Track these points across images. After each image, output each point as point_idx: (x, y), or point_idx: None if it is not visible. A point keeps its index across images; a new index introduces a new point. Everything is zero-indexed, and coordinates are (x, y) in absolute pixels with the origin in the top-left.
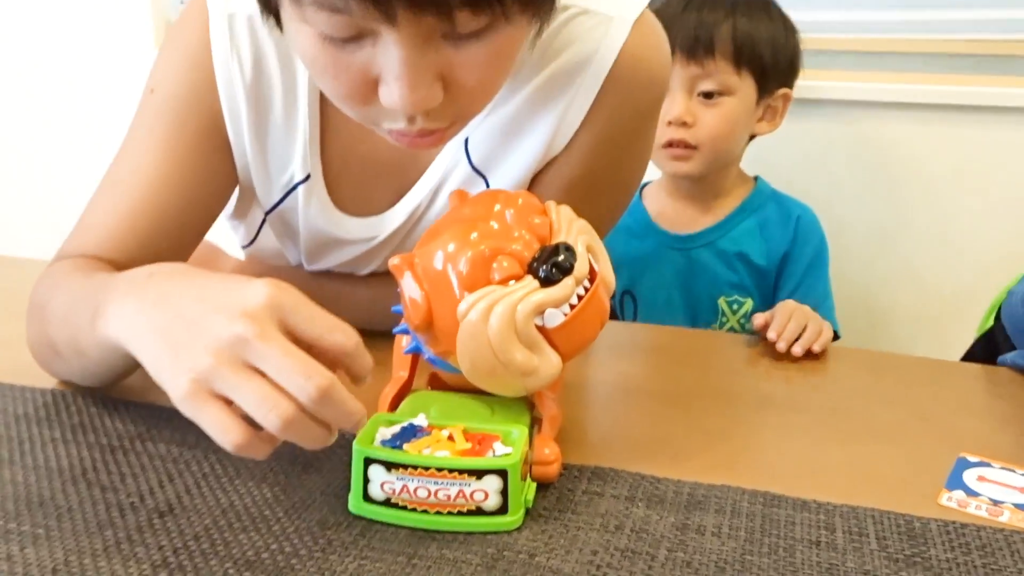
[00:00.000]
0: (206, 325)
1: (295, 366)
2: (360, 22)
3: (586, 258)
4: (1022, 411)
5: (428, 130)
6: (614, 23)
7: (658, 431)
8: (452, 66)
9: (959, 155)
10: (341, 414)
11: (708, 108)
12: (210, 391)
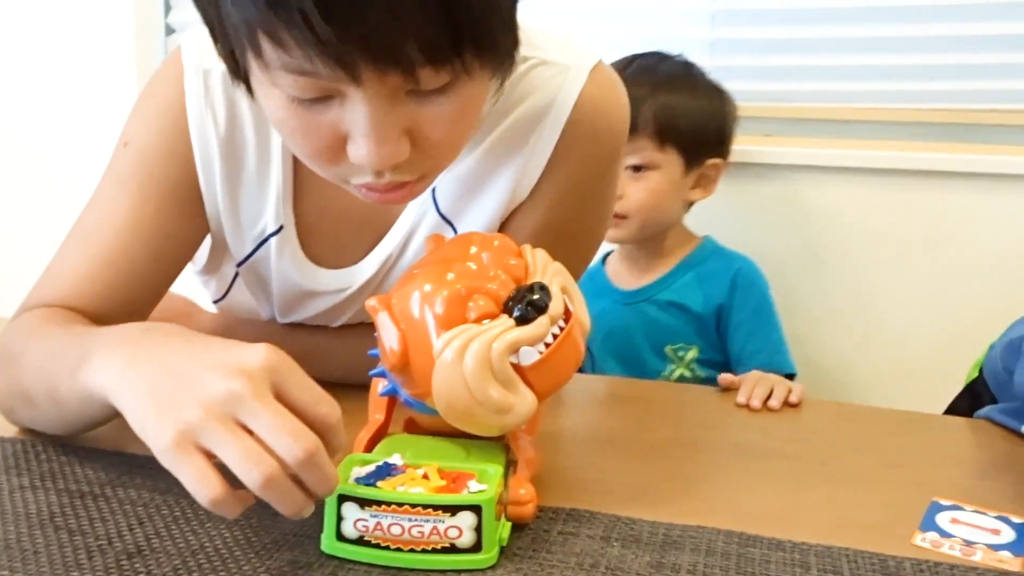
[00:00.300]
0: (201, 381)
1: (285, 427)
2: (327, 83)
3: (561, 298)
4: (995, 460)
5: (396, 183)
6: (571, 72)
7: (634, 478)
8: (418, 121)
9: (931, 219)
10: (322, 479)
11: (635, 181)
12: (194, 443)
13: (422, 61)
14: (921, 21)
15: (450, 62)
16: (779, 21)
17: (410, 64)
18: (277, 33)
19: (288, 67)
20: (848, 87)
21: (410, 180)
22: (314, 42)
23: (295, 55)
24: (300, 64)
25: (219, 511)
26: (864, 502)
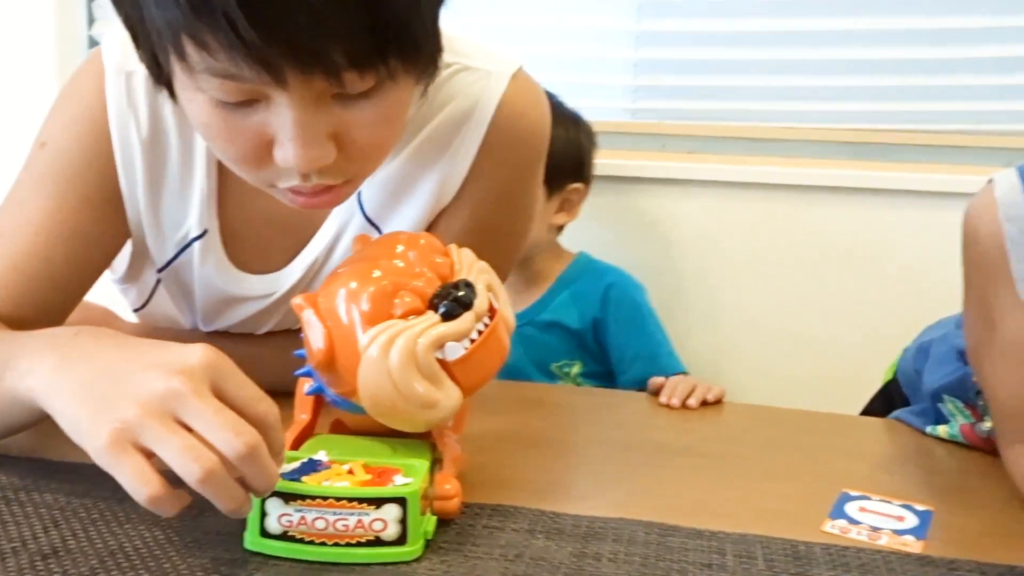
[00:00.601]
0: (138, 380)
1: (226, 422)
2: (252, 86)
3: (486, 295)
4: (902, 455)
5: (323, 187)
6: (493, 77)
7: (558, 475)
8: (344, 125)
9: (847, 233)
10: (262, 475)
11: None
12: (132, 442)
13: (347, 65)
14: (833, 45)
15: (375, 67)
16: (700, 43)
17: (335, 68)
18: (201, 36)
19: (212, 70)
20: (768, 107)
21: (336, 184)
22: (239, 46)
23: (219, 58)
24: (224, 67)
25: (157, 509)
26: (778, 494)
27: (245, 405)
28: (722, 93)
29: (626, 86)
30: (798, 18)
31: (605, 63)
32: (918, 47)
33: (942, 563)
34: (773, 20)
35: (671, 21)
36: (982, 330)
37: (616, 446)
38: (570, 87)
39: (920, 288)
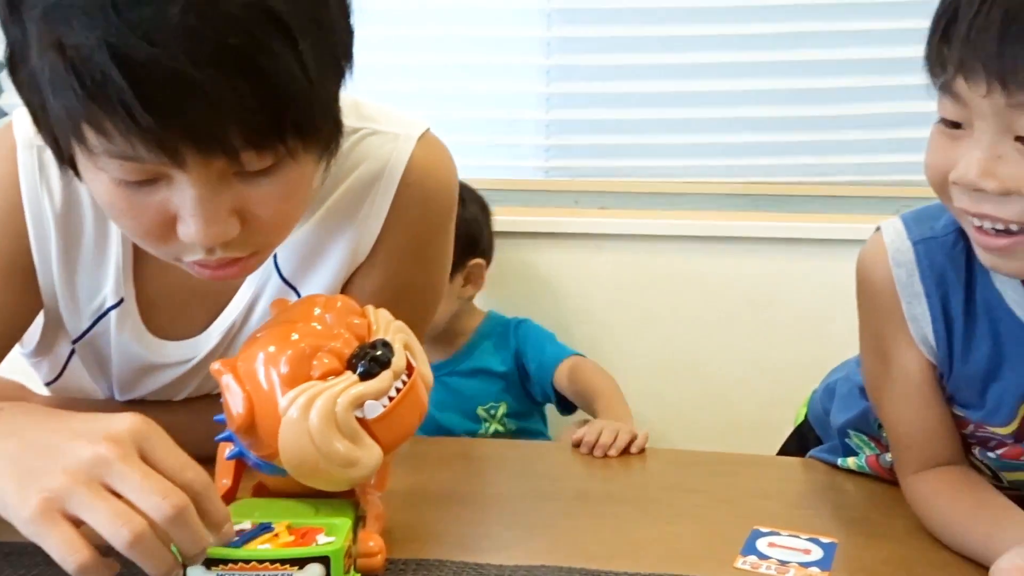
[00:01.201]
0: (65, 449)
1: (154, 486)
2: (152, 166)
3: (403, 354)
4: (811, 491)
5: (228, 260)
6: (400, 139)
7: (482, 528)
8: (246, 201)
9: (755, 280)
10: (192, 537)
11: None
12: (60, 511)
13: (244, 146)
14: (731, 105)
15: (273, 146)
16: (607, 104)
17: (233, 149)
18: (99, 122)
19: (111, 153)
20: (673, 163)
21: (242, 256)
22: (136, 131)
23: (117, 143)
24: (123, 150)
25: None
26: (693, 534)
27: (172, 473)
28: (630, 151)
29: (538, 145)
30: (699, 80)
31: (518, 124)
32: (811, 105)
33: None
34: (675, 82)
35: (579, 84)
36: (878, 367)
37: (538, 496)
38: (485, 148)
39: (822, 331)
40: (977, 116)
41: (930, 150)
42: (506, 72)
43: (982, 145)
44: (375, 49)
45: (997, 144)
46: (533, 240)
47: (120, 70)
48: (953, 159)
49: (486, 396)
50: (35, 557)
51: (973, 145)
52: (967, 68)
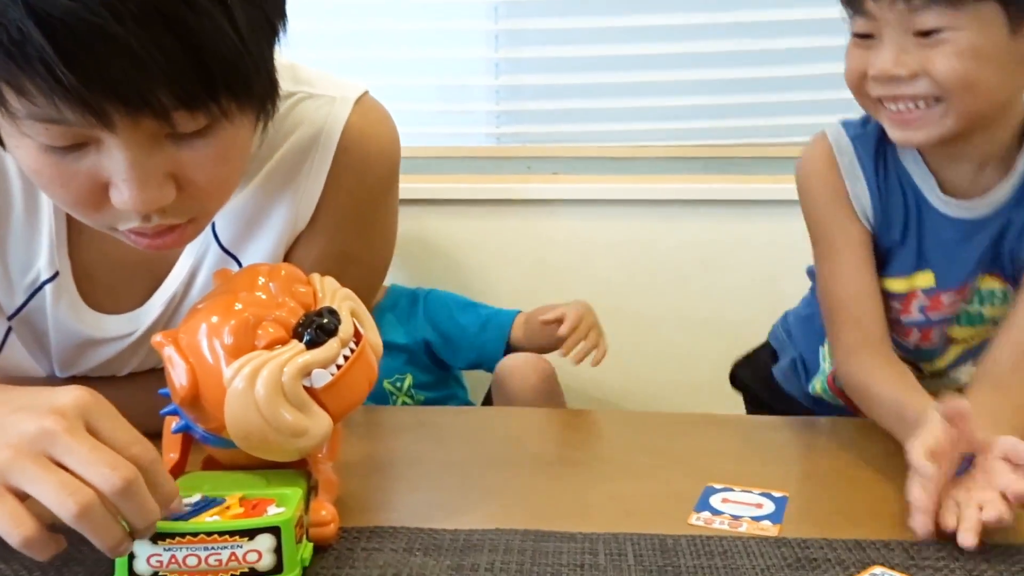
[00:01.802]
0: (9, 423)
1: (101, 457)
2: (79, 130)
3: (351, 321)
4: (762, 448)
5: (165, 227)
6: (336, 103)
7: (435, 494)
8: (181, 164)
9: (707, 242)
10: (141, 510)
11: None
12: (4, 485)
13: (175, 105)
14: (680, 68)
15: (205, 106)
16: (557, 69)
17: (163, 109)
18: (19, 83)
19: (35, 116)
20: (624, 127)
21: (179, 223)
22: (59, 91)
23: (40, 104)
24: (47, 112)
25: (31, 552)
26: (646, 493)
27: (120, 447)
28: (582, 116)
29: (489, 112)
30: (649, 43)
31: (467, 91)
32: (759, 67)
33: (795, 543)
34: (626, 46)
35: (528, 49)
36: (825, 249)
37: (491, 461)
38: (435, 115)
39: (773, 289)
40: (884, 24)
41: (849, 59)
42: (454, 38)
43: (892, 44)
44: (319, 16)
45: (902, 41)
46: (486, 207)
47: (38, 26)
48: (868, 62)
49: (390, 370)
50: None
51: (884, 47)
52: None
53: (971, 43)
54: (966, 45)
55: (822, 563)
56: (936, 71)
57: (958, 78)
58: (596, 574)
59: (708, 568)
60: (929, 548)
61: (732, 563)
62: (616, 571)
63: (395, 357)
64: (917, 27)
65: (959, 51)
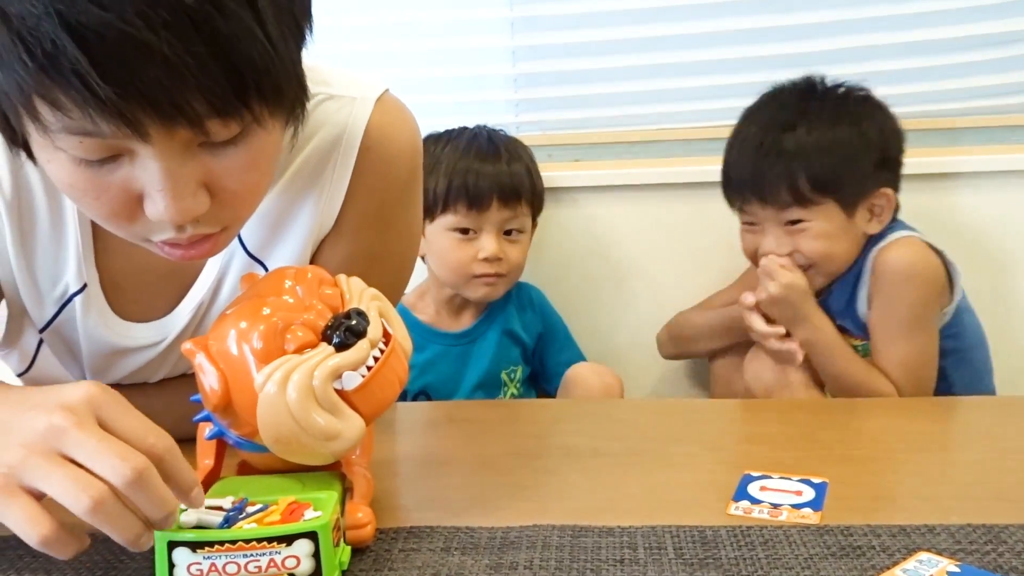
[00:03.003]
0: (21, 423)
1: (111, 449)
2: (113, 141)
3: (379, 322)
4: (797, 433)
5: (200, 236)
6: (357, 103)
7: (470, 491)
8: (213, 173)
9: (730, 226)
10: (155, 500)
11: (512, 243)
12: (19, 485)
13: (209, 114)
14: (697, 47)
15: (238, 114)
16: (574, 54)
17: (197, 118)
18: (53, 96)
19: (70, 129)
20: (643, 111)
21: (213, 232)
22: (94, 102)
23: (75, 116)
24: (81, 125)
25: (51, 550)
26: (682, 483)
27: (134, 439)
28: (601, 100)
29: (508, 100)
30: (666, 23)
31: (485, 80)
32: (779, 44)
33: (838, 530)
34: (643, 27)
35: (544, 35)
36: None
37: (524, 456)
38: (454, 106)
39: None
40: (764, 219)
41: (744, 240)
42: (470, 27)
43: (770, 232)
44: (335, 10)
45: (776, 230)
46: None
47: (72, 38)
48: (757, 243)
49: (507, 360)
50: (18, 549)
51: (767, 234)
52: (744, 197)
53: (823, 228)
54: (820, 230)
55: (866, 550)
56: (804, 249)
57: (819, 253)
58: (636, 569)
59: (750, 559)
60: (976, 532)
61: (774, 553)
62: (656, 565)
63: (513, 347)
64: (785, 219)
65: (816, 235)
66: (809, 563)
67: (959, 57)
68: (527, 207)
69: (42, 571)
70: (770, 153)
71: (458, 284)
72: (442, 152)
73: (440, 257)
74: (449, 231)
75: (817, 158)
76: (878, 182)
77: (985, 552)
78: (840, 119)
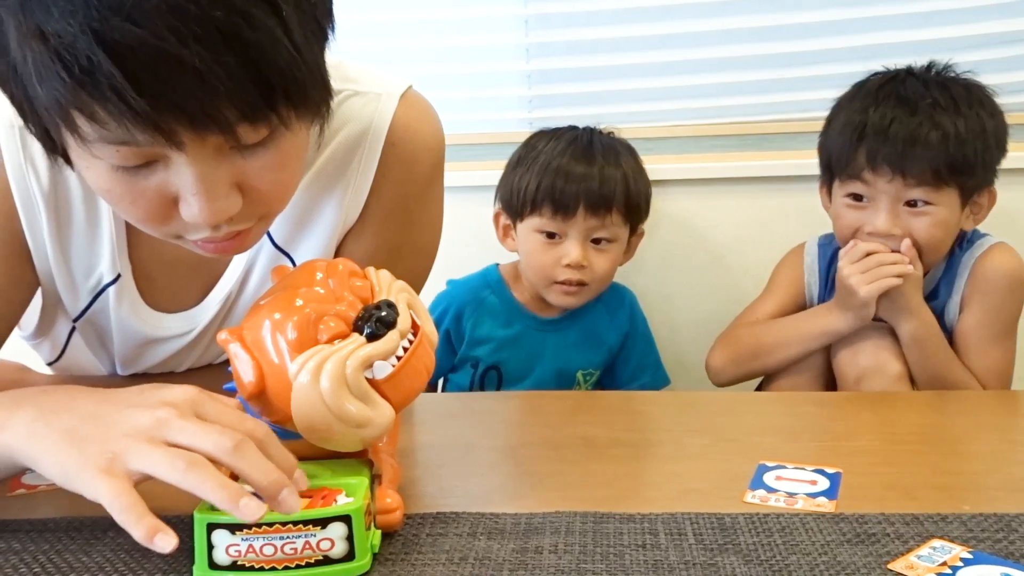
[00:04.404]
0: (122, 417)
1: (212, 428)
2: (148, 150)
3: (408, 313)
4: (811, 425)
5: (234, 232)
6: (382, 99)
7: (494, 479)
8: (245, 174)
9: (743, 222)
10: (260, 466)
11: (600, 252)
12: (124, 472)
13: (239, 120)
14: (711, 45)
15: (266, 118)
16: (587, 51)
17: (228, 124)
18: (90, 109)
19: (106, 139)
20: (656, 107)
21: (246, 227)
22: (129, 114)
23: (112, 128)
24: (118, 135)
25: (127, 517)
26: (700, 473)
27: (232, 425)
28: (615, 97)
29: (521, 97)
30: (680, 20)
31: (499, 77)
32: (794, 41)
33: (853, 518)
34: (657, 24)
35: (558, 32)
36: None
37: (545, 445)
38: (468, 102)
39: None
40: (878, 192)
41: (844, 216)
42: (484, 24)
43: (886, 209)
44: (350, 8)
45: (894, 207)
46: None
47: (107, 54)
48: (863, 220)
49: (587, 361)
50: (57, 532)
51: (880, 210)
52: (877, 165)
53: (943, 216)
54: (941, 217)
55: (880, 537)
56: (919, 233)
57: (935, 240)
58: (658, 553)
59: (767, 545)
60: (988, 520)
61: (791, 539)
62: (678, 550)
63: (597, 349)
64: (906, 198)
65: (936, 222)
66: (826, 549)
67: None
68: (619, 216)
69: (82, 552)
70: (923, 126)
71: (540, 286)
72: (542, 149)
73: (526, 257)
74: (535, 232)
75: (964, 142)
76: (991, 178)
77: (997, 540)
78: (983, 107)
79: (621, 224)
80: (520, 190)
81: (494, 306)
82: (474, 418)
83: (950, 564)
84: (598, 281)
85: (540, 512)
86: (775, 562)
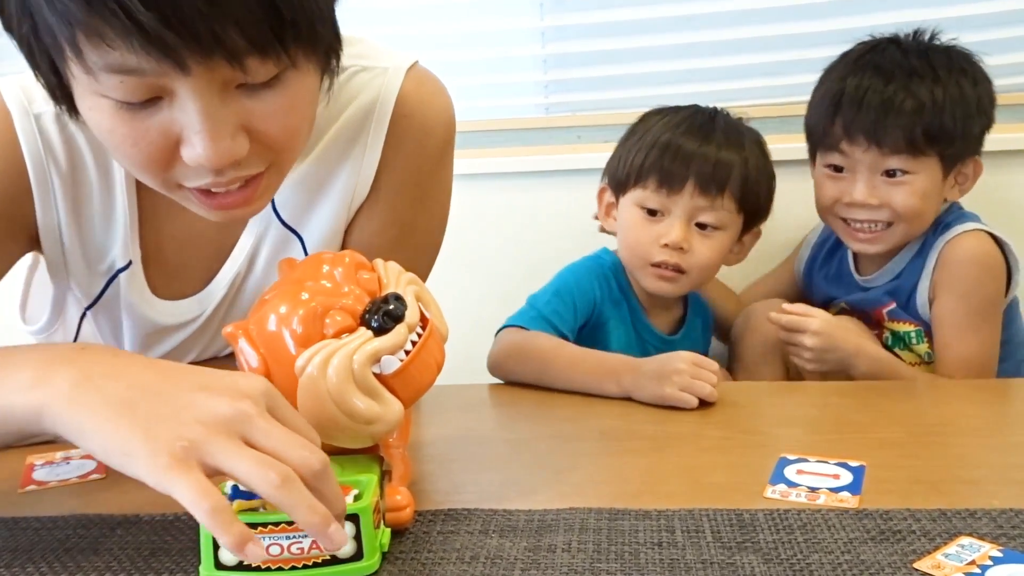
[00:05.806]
0: (196, 401)
1: (299, 441)
2: (153, 80)
3: (416, 306)
4: (833, 417)
5: (240, 181)
6: (389, 73)
7: (507, 474)
8: (252, 116)
9: None
10: (335, 493)
11: (704, 238)
12: (198, 461)
13: (247, 49)
14: (728, 26)
15: (275, 51)
16: (603, 34)
17: (236, 53)
18: (97, 27)
19: (112, 67)
20: (673, 91)
21: (252, 175)
22: (135, 32)
23: (117, 48)
24: (123, 61)
25: (218, 522)
26: (718, 467)
27: (299, 431)
28: (630, 81)
29: (537, 81)
30: (697, 1)
31: (514, 61)
32: (810, 21)
33: (877, 514)
34: (673, 6)
35: (573, 15)
36: None
37: (560, 439)
38: (483, 88)
39: None
40: (857, 163)
41: (823, 188)
42: (499, 8)
43: (864, 180)
44: None
45: (872, 178)
46: (536, 179)
47: None
48: (842, 191)
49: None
50: (103, 529)
51: (858, 181)
52: (852, 135)
53: (922, 186)
54: (919, 186)
55: (906, 534)
56: (897, 203)
57: (912, 209)
58: (675, 552)
59: (788, 543)
60: (1019, 516)
61: (812, 537)
62: (695, 548)
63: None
64: (884, 167)
65: (914, 190)
66: (849, 547)
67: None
68: (731, 203)
69: (90, 550)
70: (898, 94)
71: (635, 268)
72: (655, 124)
73: (623, 232)
74: (637, 207)
75: (941, 110)
76: (976, 148)
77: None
78: (964, 74)
79: (733, 212)
80: (627, 162)
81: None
82: (486, 411)
83: (979, 563)
84: (698, 270)
85: (554, 509)
86: (795, 561)
